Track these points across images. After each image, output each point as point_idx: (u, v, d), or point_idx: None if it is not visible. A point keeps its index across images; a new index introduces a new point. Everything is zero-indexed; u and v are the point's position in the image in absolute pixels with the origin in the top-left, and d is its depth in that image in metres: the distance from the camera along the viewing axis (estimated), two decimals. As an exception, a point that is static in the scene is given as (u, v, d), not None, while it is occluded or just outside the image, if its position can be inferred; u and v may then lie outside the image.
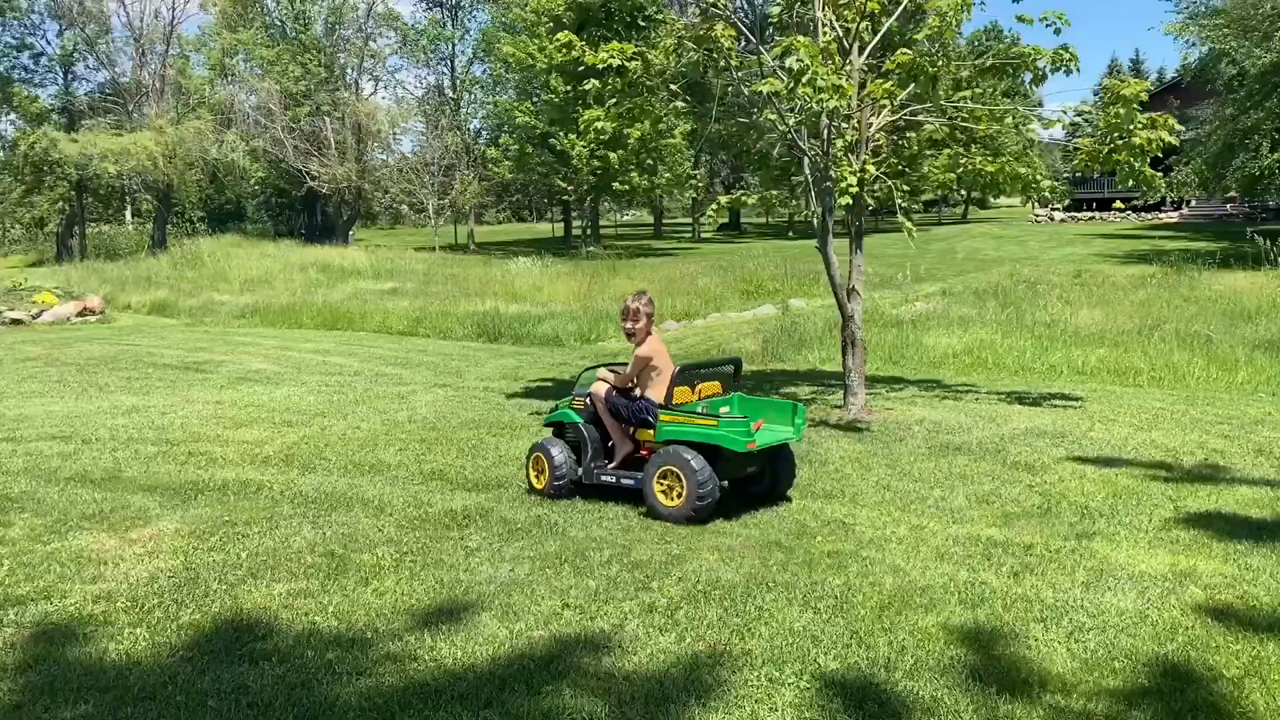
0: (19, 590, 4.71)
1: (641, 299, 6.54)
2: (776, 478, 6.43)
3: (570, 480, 6.45)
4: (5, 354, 15.60)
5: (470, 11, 61.51)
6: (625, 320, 6.53)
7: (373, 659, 4.01)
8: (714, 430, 5.95)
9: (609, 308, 21.49)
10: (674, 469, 5.89)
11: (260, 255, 34.30)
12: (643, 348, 6.44)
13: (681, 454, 5.91)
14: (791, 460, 6.49)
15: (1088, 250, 34.42)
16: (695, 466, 5.82)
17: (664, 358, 6.51)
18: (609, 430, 6.54)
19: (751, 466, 6.34)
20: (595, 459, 6.48)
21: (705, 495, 5.81)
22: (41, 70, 55.31)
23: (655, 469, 6.00)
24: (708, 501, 5.83)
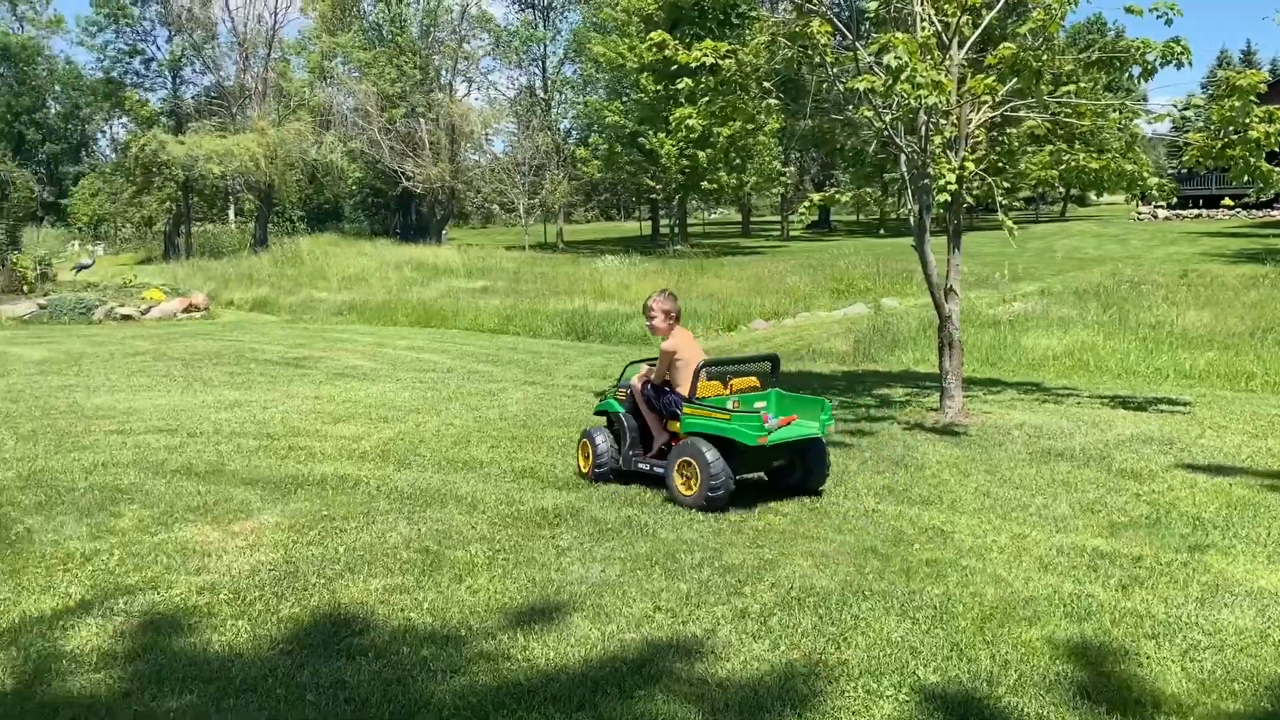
0: (128, 580, 4.86)
1: (660, 297, 6.85)
2: (809, 471, 6.57)
3: (611, 466, 6.77)
4: (116, 348, 16.22)
5: (562, 12, 62.13)
6: (646, 317, 6.88)
7: (467, 657, 4.03)
8: (726, 424, 6.17)
9: (697, 306, 21.44)
10: (690, 460, 6.16)
11: (357, 254, 35.12)
12: (667, 343, 6.71)
13: (698, 446, 6.15)
14: (823, 455, 6.58)
15: (1194, 249, 33.14)
16: (709, 458, 6.05)
17: (689, 352, 6.69)
18: (647, 421, 6.81)
19: (779, 460, 6.54)
20: (633, 447, 6.79)
21: (717, 486, 6.03)
22: (152, 75, 57.58)
23: (676, 459, 6.30)
24: (720, 493, 6.05)
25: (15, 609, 4.45)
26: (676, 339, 6.74)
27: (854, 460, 7.58)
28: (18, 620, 4.32)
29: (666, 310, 6.80)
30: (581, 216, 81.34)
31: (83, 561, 5.11)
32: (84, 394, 11.02)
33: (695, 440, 6.23)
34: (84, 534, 5.60)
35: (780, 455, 6.49)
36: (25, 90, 58.66)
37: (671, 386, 6.70)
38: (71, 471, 7.08)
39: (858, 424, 9.08)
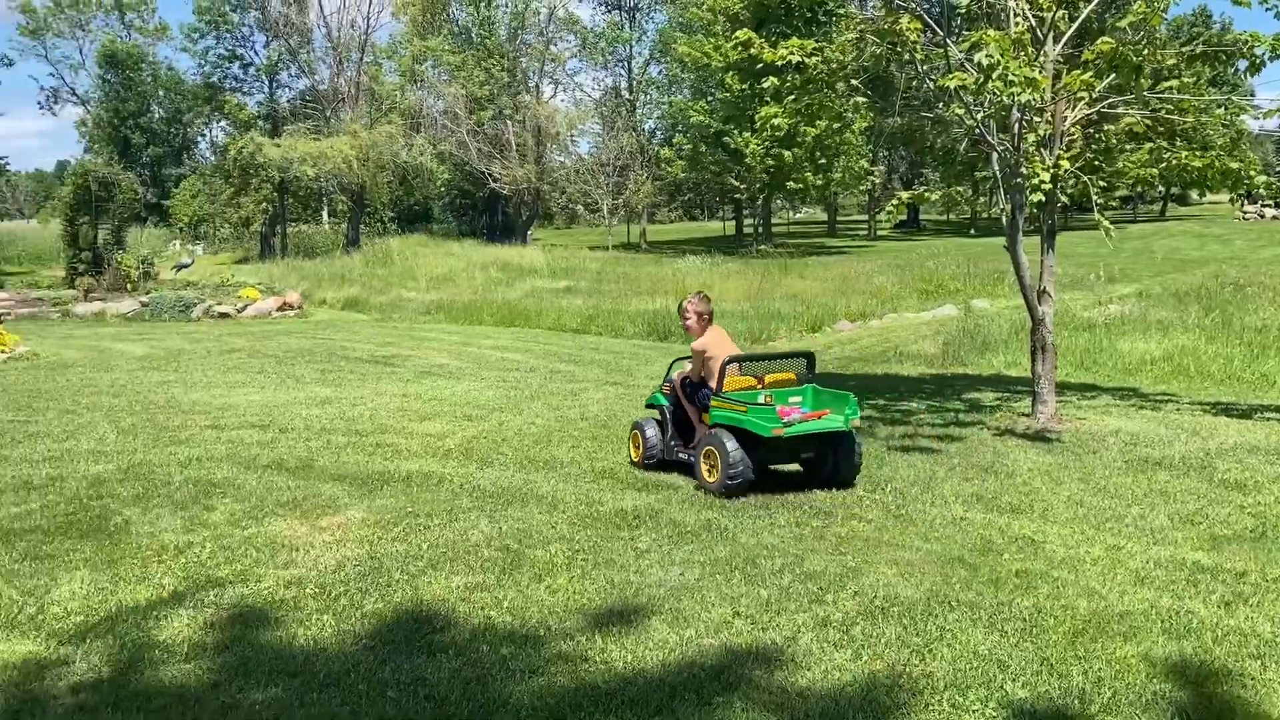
0: (219, 573, 4.98)
1: (694, 299, 7.33)
2: (838, 464, 6.77)
3: (659, 456, 7.20)
4: (213, 345, 16.73)
5: (648, 13, 62.26)
6: (681, 318, 7.42)
7: (545, 657, 4.04)
8: (743, 416, 6.50)
9: (780, 307, 21.27)
10: (713, 449, 6.52)
11: (445, 254, 35.66)
12: (697, 341, 7.15)
13: (720, 436, 6.51)
14: (852, 448, 6.76)
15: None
16: (729, 448, 6.39)
17: (720, 349, 7.06)
18: (688, 413, 7.22)
19: (807, 452, 6.85)
20: (674, 438, 7.21)
21: (735, 475, 6.37)
22: (249, 79, 59.41)
23: (702, 448, 6.68)
24: (738, 481, 6.39)
25: (113, 598, 4.60)
26: (707, 337, 7.14)
27: (941, 466, 7.41)
28: (115, 609, 4.46)
29: (699, 311, 7.23)
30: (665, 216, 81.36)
31: (176, 554, 5.26)
32: (182, 390, 11.38)
33: (719, 431, 6.58)
34: (178, 526, 5.76)
35: (808, 448, 6.77)
36: (131, 95, 60.97)
37: (705, 381, 7.06)
38: (168, 465, 7.30)
39: (946, 429, 8.88)
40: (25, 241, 51.38)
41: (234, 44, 58.40)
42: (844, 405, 6.66)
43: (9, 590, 4.64)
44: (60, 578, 4.84)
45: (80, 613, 4.41)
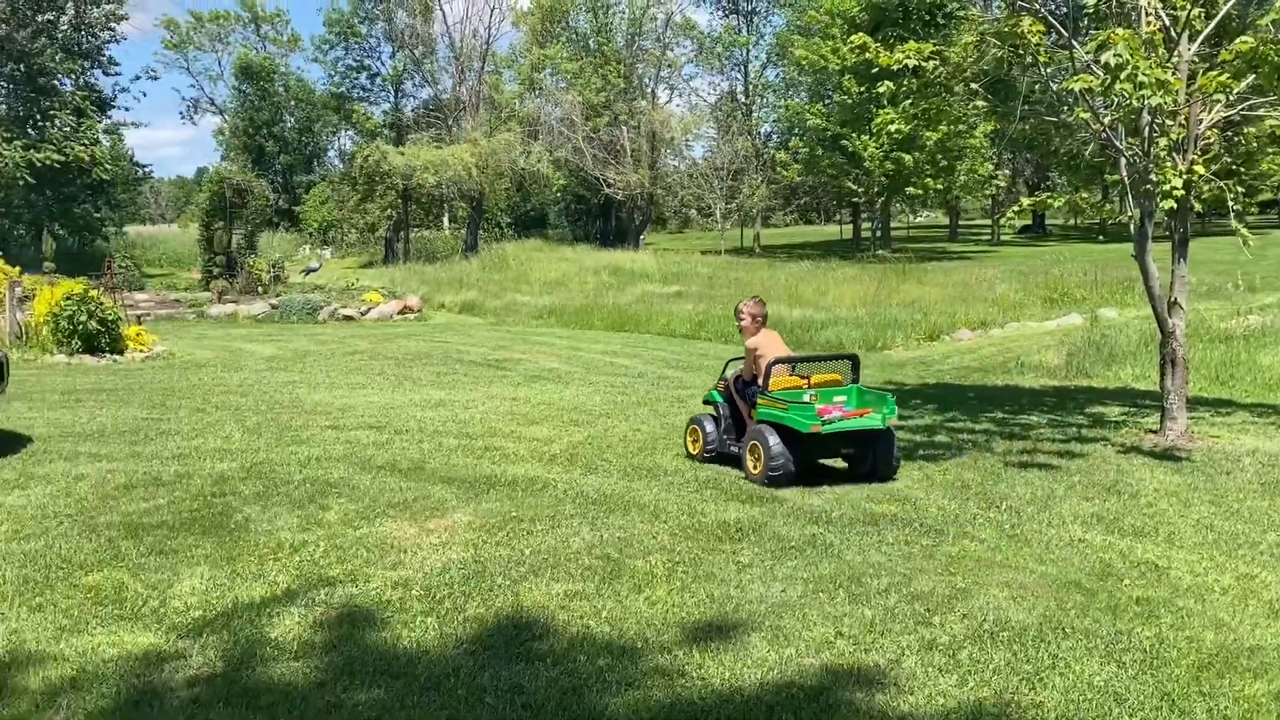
0: (330, 572, 5.12)
1: (750, 302, 7.90)
2: (876, 460, 7.20)
3: (717, 449, 7.67)
4: (337, 347, 17.31)
5: (765, 16, 61.89)
6: (737, 319, 7.94)
7: (642, 670, 4.02)
8: (784, 414, 6.98)
9: (897, 314, 20.82)
10: (757, 443, 7.01)
11: (559, 259, 36.12)
12: (750, 341, 7.68)
13: (763, 431, 7.00)
14: (891, 446, 7.21)
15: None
16: (770, 443, 6.88)
17: (771, 349, 7.54)
18: (740, 410, 7.66)
19: (847, 449, 7.28)
20: (727, 432, 7.73)
21: (776, 467, 6.84)
22: (376, 89, 61.38)
23: (747, 442, 7.17)
24: (779, 473, 6.85)
25: (230, 594, 4.77)
26: (760, 338, 7.66)
27: (1061, 484, 7.13)
28: (231, 605, 4.62)
29: (754, 314, 7.78)
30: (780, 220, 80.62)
31: (291, 552, 5.42)
32: (305, 390, 11.79)
33: (762, 427, 7.08)
34: (295, 525, 5.95)
35: (848, 444, 7.23)
36: (265, 105, 63.61)
37: (756, 379, 7.49)
38: (289, 464, 7.55)
39: (1066, 444, 8.55)
40: (165, 245, 54.12)
41: (361, 55, 60.49)
42: (883, 405, 7.11)
43: (135, 584, 4.86)
44: (182, 573, 5.04)
45: (199, 608, 4.58)
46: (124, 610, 4.53)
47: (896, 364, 16.22)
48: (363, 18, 58.24)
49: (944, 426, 9.67)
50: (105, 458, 7.67)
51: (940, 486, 7.14)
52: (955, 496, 6.84)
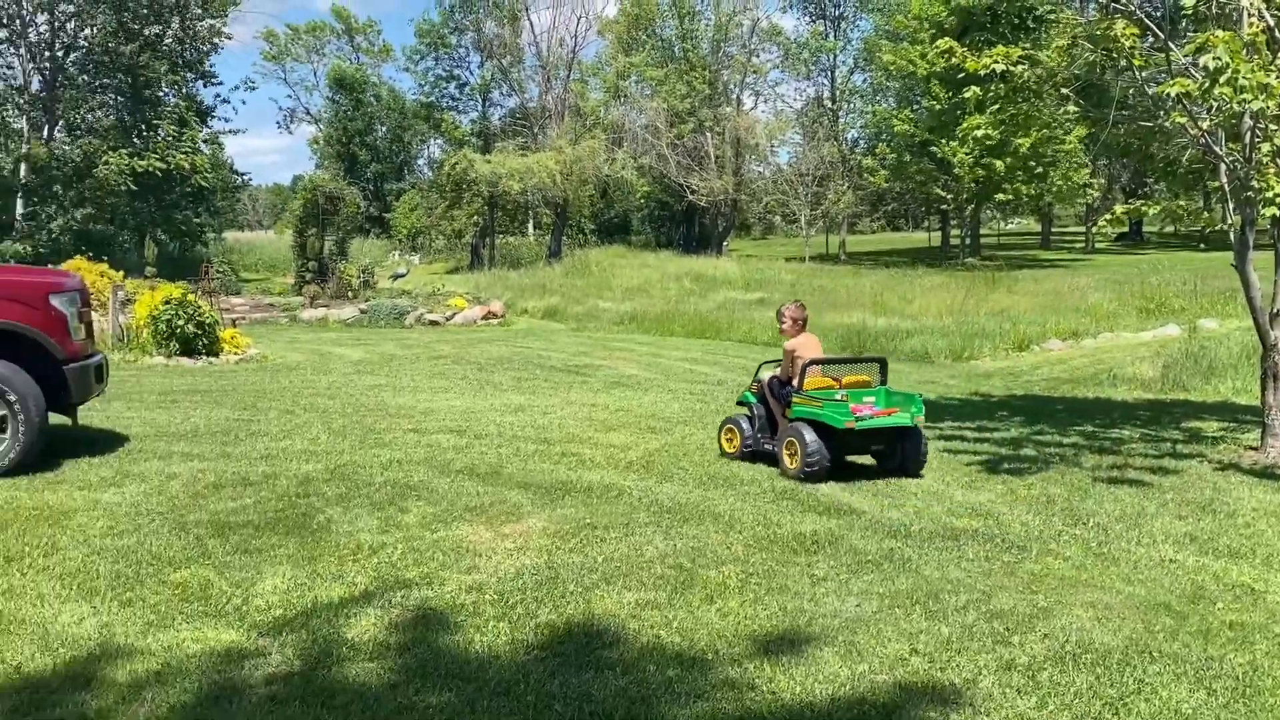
0: (407, 574, 5.20)
1: (792, 306, 8.39)
2: (904, 456, 7.64)
3: (752, 448, 8.04)
4: (422, 352, 17.61)
5: (853, 21, 61.31)
6: (779, 321, 8.42)
7: (711, 682, 3.99)
8: (820, 411, 7.41)
9: (985, 324, 20.40)
10: (794, 440, 7.42)
11: (641, 265, 36.21)
12: (789, 342, 8.10)
13: (800, 428, 7.42)
14: (918, 443, 7.64)
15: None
16: (807, 439, 7.30)
17: (808, 351, 7.94)
18: (772, 409, 8.06)
19: (878, 445, 7.68)
20: (760, 431, 8.12)
21: (813, 462, 7.26)
22: (464, 99, 62.41)
23: (783, 439, 7.59)
24: (815, 468, 7.26)
25: (310, 594, 4.87)
26: (798, 340, 8.08)
27: (1152, 501, 6.89)
28: (310, 605, 4.72)
29: (795, 317, 8.21)
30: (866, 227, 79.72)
31: (370, 554, 5.52)
32: (390, 393, 12.01)
33: (798, 424, 7.49)
34: (374, 527, 6.06)
35: (878, 441, 7.64)
36: (358, 115, 65.20)
37: (791, 380, 7.91)
38: (371, 466, 7.70)
39: (1160, 460, 8.26)
40: (261, 250, 55.77)
41: (451, 65, 61.60)
42: (911, 404, 7.50)
43: (220, 581, 4.99)
44: (265, 572, 5.17)
45: (279, 606, 4.69)
46: (208, 607, 4.66)
47: (983, 374, 15.88)
48: (453, 28, 59.33)
49: (1030, 439, 9.43)
50: (197, 457, 7.92)
51: (1024, 501, 6.96)
52: (1040, 512, 6.66)
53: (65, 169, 41.65)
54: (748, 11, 54.21)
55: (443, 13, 59.35)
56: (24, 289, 7.44)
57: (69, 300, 7.63)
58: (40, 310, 7.35)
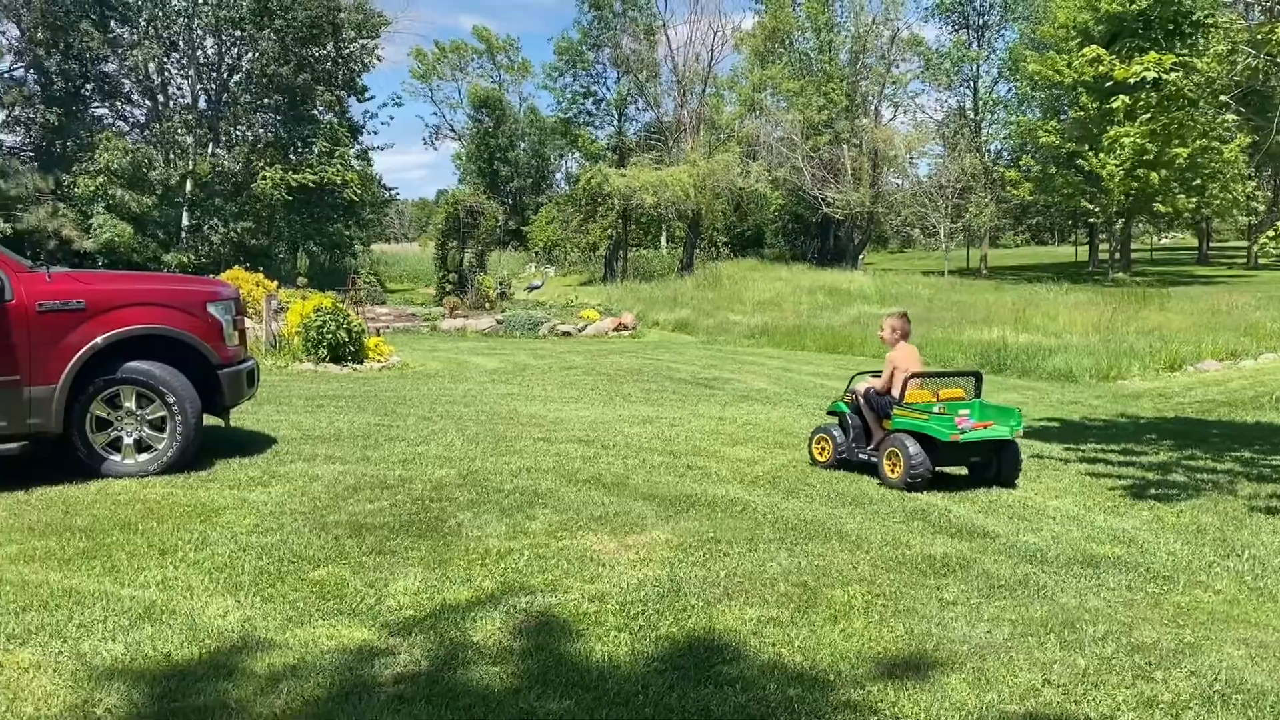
0: (532, 581, 5.28)
1: (894, 317, 8.42)
2: (1001, 467, 7.82)
3: (843, 457, 8.23)
4: (554, 362, 17.92)
5: (997, 30, 59.64)
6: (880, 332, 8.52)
7: (832, 703, 3.92)
8: (925, 423, 7.59)
9: (1134, 343, 19.49)
10: (896, 450, 7.59)
11: (773, 278, 35.99)
12: (892, 353, 8.20)
13: (902, 439, 7.58)
14: (1016, 455, 7.85)
15: None
16: (911, 450, 7.45)
17: (908, 363, 8.09)
18: (867, 419, 8.24)
19: (976, 456, 7.87)
20: (855, 440, 8.29)
21: (917, 473, 7.40)
22: (601, 114, 63.36)
23: (885, 449, 7.76)
24: (918, 478, 7.40)
25: (438, 596, 5.00)
26: (900, 351, 8.20)
27: (1316, 534, 6.43)
28: (439, 607, 4.85)
29: (895, 328, 8.30)
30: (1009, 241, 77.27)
31: (498, 559, 5.63)
32: (523, 402, 12.26)
33: (901, 435, 7.65)
34: (502, 533, 6.19)
35: (977, 453, 7.83)
36: (499, 132, 67.02)
37: (888, 391, 8.09)
38: (501, 474, 7.87)
39: (1325, 491, 7.71)
40: (406, 262, 57.78)
41: (588, 81, 62.61)
42: (1009, 418, 7.73)
43: (355, 581, 5.18)
44: (398, 573, 5.34)
45: (410, 607, 4.83)
46: (343, 605, 4.84)
47: (1131, 395, 15.17)
48: (591, 45, 60.31)
49: (1181, 464, 8.95)
50: (339, 460, 8.24)
51: (1172, 530, 6.61)
52: (1189, 541, 6.31)
53: (226, 183, 44.14)
54: (888, 22, 53.41)
55: (581, 30, 60.44)
56: (184, 297, 7.90)
57: (225, 308, 8.07)
58: (198, 317, 7.80)
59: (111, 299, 7.46)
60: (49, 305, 7.11)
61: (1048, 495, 7.60)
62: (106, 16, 41.89)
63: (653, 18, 54.84)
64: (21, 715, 3.69)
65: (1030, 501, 7.35)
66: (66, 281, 7.48)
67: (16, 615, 4.61)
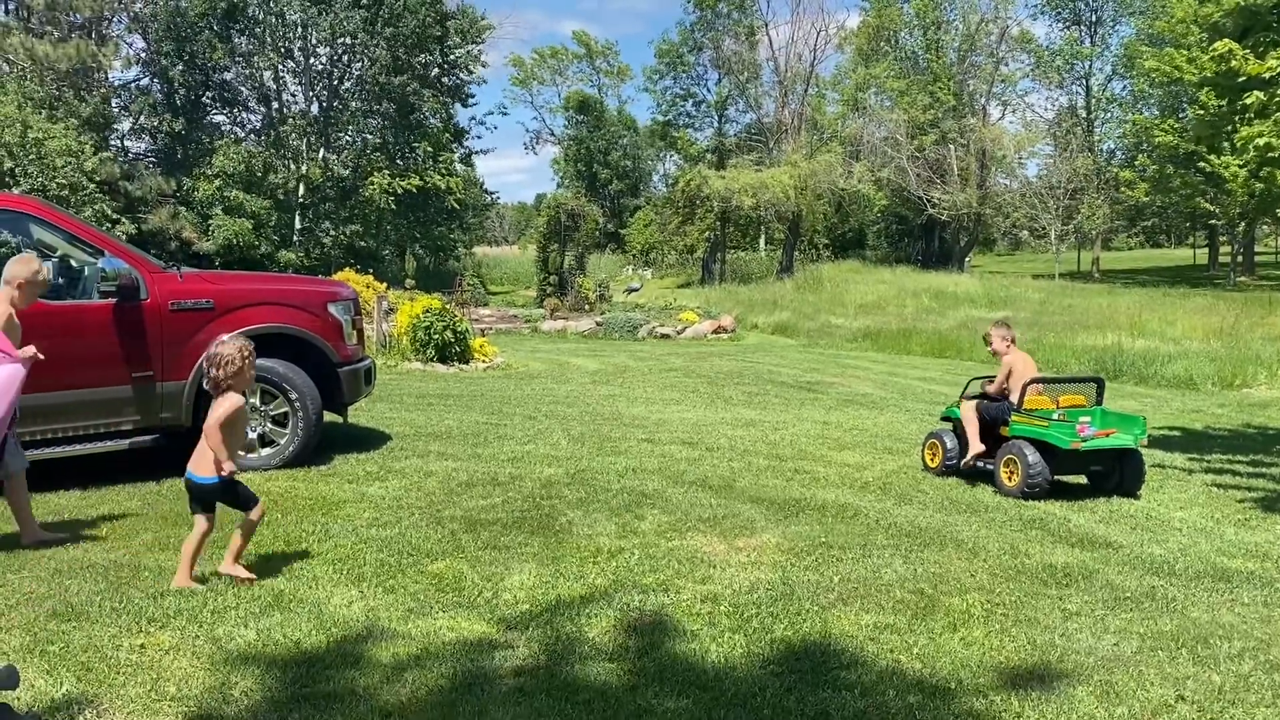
0: (644, 580, 5.31)
1: (998, 327, 8.33)
2: (1123, 476, 7.57)
3: (955, 462, 8.03)
4: (654, 364, 17.98)
5: (1111, 26, 57.70)
6: (987, 343, 8.40)
7: (954, 712, 3.85)
8: (1045, 430, 7.38)
9: (1260, 349, 18.63)
10: (1014, 457, 7.41)
11: (876, 281, 35.46)
12: (1007, 358, 8.05)
13: (1020, 446, 7.41)
14: (1139, 465, 7.58)
15: None
16: (1030, 459, 7.28)
17: (1023, 369, 7.96)
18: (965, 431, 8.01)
19: (1097, 465, 7.62)
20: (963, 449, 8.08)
21: (1034, 481, 7.25)
22: (700, 115, 63.38)
23: (1002, 456, 7.58)
24: (1036, 487, 7.24)
25: (553, 592, 5.07)
26: (1013, 356, 8.07)
27: None
28: (553, 602, 4.91)
29: (1002, 335, 8.22)
30: (1122, 243, 74.65)
31: (609, 557, 5.68)
32: (625, 403, 12.33)
33: (1019, 442, 7.48)
34: (612, 532, 6.24)
35: (1098, 461, 7.58)
36: (597, 135, 67.56)
37: (1004, 396, 7.99)
38: (608, 473, 7.93)
39: None
40: (507, 265, 58.71)
41: (689, 83, 62.72)
42: (1133, 426, 7.46)
43: (472, 574, 5.29)
44: (512, 567, 5.43)
45: (525, 602, 4.91)
46: (461, 598, 4.94)
47: (1258, 404, 14.51)
48: (691, 47, 60.38)
49: (1317, 478, 8.53)
50: (451, 457, 8.42)
51: (1311, 545, 6.30)
52: (1330, 558, 6.01)
53: (336, 188, 45.50)
54: (998, 19, 52.16)
55: (683, 31, 60.57)
56: (306, 297, 8.17)
57: (344, 308, 8.32)
58: (320, 317, 8.06)
59: (238, 298, 7.76)
60: (180, 304, 7.42)
61: (1172, 506, 7.33)
62: (229, 28, 43.61)
63: (755, 18, 54.61)
64: (165, 694, 3.87)
65: (1154, 512, 7.10)
66: (196, 281, 7.80)
67: (155, 600, 4.82)
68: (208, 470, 5.03)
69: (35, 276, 5.65)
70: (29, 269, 5.64)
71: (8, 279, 5.59)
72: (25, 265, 5.65)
